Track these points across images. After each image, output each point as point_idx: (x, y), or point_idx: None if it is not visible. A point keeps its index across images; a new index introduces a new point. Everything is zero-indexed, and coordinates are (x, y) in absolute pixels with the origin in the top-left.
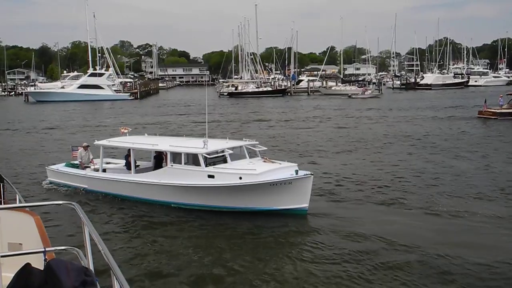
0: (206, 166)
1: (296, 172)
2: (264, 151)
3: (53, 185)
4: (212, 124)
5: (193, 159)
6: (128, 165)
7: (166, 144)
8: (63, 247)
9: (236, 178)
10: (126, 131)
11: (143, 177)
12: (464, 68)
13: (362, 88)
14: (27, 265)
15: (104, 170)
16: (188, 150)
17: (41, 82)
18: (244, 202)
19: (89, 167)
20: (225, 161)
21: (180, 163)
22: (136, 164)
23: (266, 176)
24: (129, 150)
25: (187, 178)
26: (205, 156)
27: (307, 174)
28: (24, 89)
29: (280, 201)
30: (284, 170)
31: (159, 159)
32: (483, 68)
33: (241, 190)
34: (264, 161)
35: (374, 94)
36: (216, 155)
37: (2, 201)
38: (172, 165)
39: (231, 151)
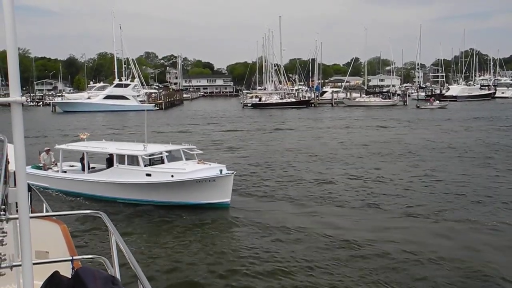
0: (144, 166)
1: (221, 171)
2: (200, 154)
3: None
4: (236, 134)
5: (134, 160)
6: (83, 167)
7: (113, 147)
8: (90, 256)
9: (168, 176)
10: (84, 136)
11: (94, 176)
12: (491, 80)
13: (430, 99)
14: (56, 273)
15: (65, 172)
16: (130, 153)
17: (68, 93)
18: (176, 197)
19: (51, 168)
20: (162, 162)
21: (124, 164)
22: (92, 166)
23: (194, 174)
24: (83, 153)
25: (129, 177)
26: (143, 157)
27: (228, 173)
28: (52, 100)
29: (206, 196)
30: (211, 170)
31: (110, 161)
32: (511, 80)
33: (173, 187)
34: (198, 163)
35: (441, 105)
36: (154, 157)
37: (30, 210)
38: (117, 166)
39: (167, 154)
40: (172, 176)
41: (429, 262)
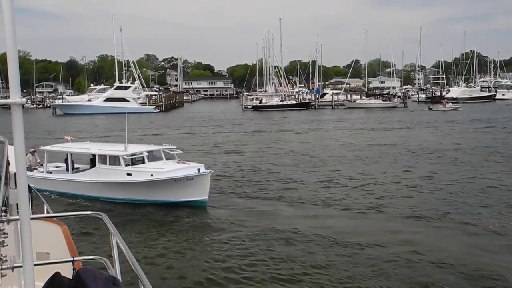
0: (125, 166)
1: (199, 170)
2: (180, 154)
3: None
4: (236, 136)
5: (116, 160)
6: (67, 167)
7: (96, 148)
8: (91, 257)
9: (148, 175)
10: (69, 138)
11: (77, 176)
12: (492, 82)
13: (443, 101)
14: (57, 274)
15: (50, 172)
16: (111, 153)
17: (68, 95)
18: (156, 196)
19: (36, 169)
20: (143, 161)
21: (106, 164)
22: (77, 166)
23: (172, 173)
24: (67, 154)
25: (110, 176)
26: (124, 158)
27: (206, 172)
28: (52, 102)
29: (185, 194)
30: (189, 169)
31: (93, 161)
32: (511, 82)
33: (152, 185)
34: (177, 162)
35: (454, 107)
36: (135, 157)
37: (31, 211)
38: (100, 166)
39: (147, 154)
40: (152, 175)
41: (432, 263)
